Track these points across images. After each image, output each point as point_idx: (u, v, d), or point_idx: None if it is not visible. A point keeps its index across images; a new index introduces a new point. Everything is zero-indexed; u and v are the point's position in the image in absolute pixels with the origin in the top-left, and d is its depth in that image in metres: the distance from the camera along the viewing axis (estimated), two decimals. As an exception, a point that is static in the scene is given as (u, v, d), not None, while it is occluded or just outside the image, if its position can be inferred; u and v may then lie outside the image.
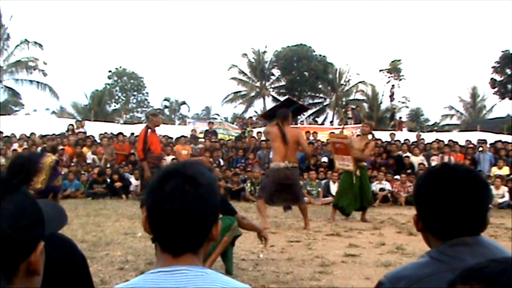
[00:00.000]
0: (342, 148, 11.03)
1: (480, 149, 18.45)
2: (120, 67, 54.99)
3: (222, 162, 18.21)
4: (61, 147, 18.12)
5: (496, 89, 42.18)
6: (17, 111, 43.75)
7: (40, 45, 39.85)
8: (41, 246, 1.14)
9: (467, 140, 20.16)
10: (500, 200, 14.71)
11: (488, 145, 18.75)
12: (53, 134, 19.75)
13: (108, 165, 17.28)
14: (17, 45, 39.69)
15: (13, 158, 2.41)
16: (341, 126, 23.38)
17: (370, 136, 11.19)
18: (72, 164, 17.06)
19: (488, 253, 1.79)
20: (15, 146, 18.17)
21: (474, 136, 22.28)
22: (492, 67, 41.83)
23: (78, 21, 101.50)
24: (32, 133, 19.59)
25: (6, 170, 2.35)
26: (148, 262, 6.48)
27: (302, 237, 8.71)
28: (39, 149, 17.72)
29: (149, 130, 10.32)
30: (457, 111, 47.15)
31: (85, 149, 18.25)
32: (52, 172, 2.31)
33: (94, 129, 21.86)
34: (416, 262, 1.88)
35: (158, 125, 10.74)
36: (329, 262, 6.76)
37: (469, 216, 1.83)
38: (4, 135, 19.06)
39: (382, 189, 15.51)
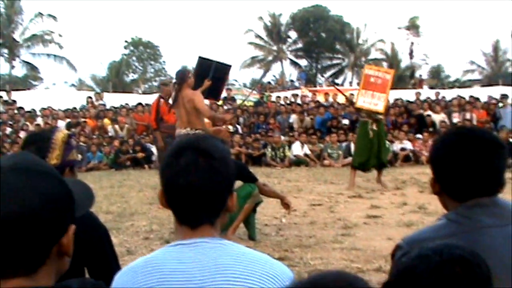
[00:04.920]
0: (378, 84, 9.97)
1: (501, 104, 18.19)
2: (136, 36, 54.83)
3: (240, 129, 18.09)
4: (82, 119, 18.28)
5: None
6: (36, 85, 44.04)
7: (54, 18, 39.97)
8: (73, 229, 1.18)
9: (489, 96, 19.85)
10: (523, 155, 14.53)
11: (510, 100, 18.44)
12: (74, 108, 19.85)
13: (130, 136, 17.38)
14: (32, 19, 39.85)
15: (25, 137, 2.44)
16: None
17: None
18: (94, 136, 17.21)
19: (504, 213, 1.80)
20: (39, 120, 18.35)
21: (496, 91, 21.92)
22: (514, 19, 40.92)
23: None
24: (49, 107, 19.61)
25: (20, 148, 2.39)
26: (172, 231, 6.55)
27: (324, 200, 8.75)
28: (60, 122, 17.89)
29: (162, 100, 10.30)
30: (479, 66, 46.41)
31: (106, 121, 18.39)
32: (65, 147, 2.33)
33: (113, 100, 21.98)
34: (433, 225, 1.89)
35: (170, 95, 10.71)
36: (351, 224, 6.81)
37: (485, 177, 1.83)
38: (26, 110, 19.22)
39: (403, 149, 15.43)
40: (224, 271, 1.46)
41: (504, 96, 18.92)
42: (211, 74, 8.56)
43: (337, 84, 38.66)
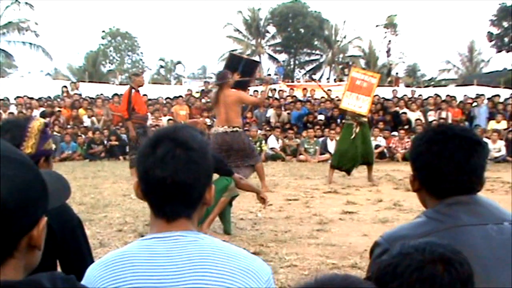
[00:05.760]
0: (363, 87, 10.09)
1: (475, 103, 18.41)
2: (114, 27, 54.42)
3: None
4: (57, 109, 18.05)
5: (493, 43, 41.86)
6: (10, 73, 43.40)
7: (31, 6, 39.41)
8: (44, 221, 1.12)
9: (465, 95, 20.07)
10: (497, 154, 14.74)
11: (485, 100, 18.67)
12: (49, 97, 19.59)
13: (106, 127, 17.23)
14: (8, 6, 39.21)
15: (1, 124, 2.37)
16: (337, 84, 23.30)
17: None
18: (69, 126, 16.99)
19: (484, 212, 1.79)
20: (12, 109, 18.07)
21: (471, 91, 22.21)
22: (489, 20, 41.45)
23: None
24: (25, 96, 19.36)
25: None
26: (146, 223, 6.50)
27: (300, 195, 8.74)
28: (35, 112, 17.63)
29: (133, 90, 10.24)
30: (454, 65, 46.92)
31: (81, 111, 18.18)
32: (41, 136, 2.26)
33: (89, 90, 21.73)
34: (412, 222, 1.88)
35: (141, 85, 10.65)
36: (327, 220, 6.81)
37: (465, 175, 1.82)
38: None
39: (377, 146, 15.49)
40: (200, 266, 1.42)
41: (479, 96, 19.17)
42: (240, 69, 9.07)
43: (314, 80, 38.77)
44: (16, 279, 1.05)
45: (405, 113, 17.65)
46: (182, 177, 1.46)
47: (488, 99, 18.68)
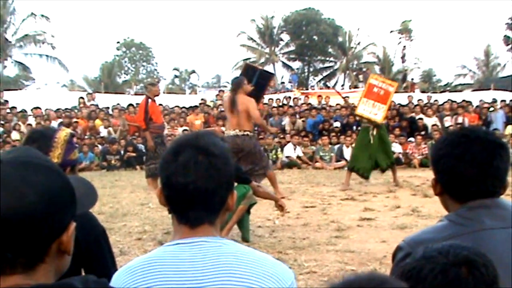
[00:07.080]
0: (380, 95, 10.12)
1: (492, 108, 18.28)
2: (128, 37, 54.84)
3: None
4: (74, 119, 18.18)
5: (509, 46, 41.54)
6: (27, 85, 43.84)
7: (47, 18, 39.85)
8: (73, 226, 1.15)
9: (481, 100, 19.93)
10: (515, 159, 14.58)
11: (500, 104, 18.53)
12: (66, 109, 19.77)
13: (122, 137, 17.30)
14: (24, 19, 39.72)
15: (27, 133, 2.41)
16: (352, 90, 23.24)
17: None
18: (86, 137, 17.11)
19: (507, 215, 1.78)
20: (31, 120, 18.23)
21: (488, 95, 22.03)
22: (506, 24, 41.16)
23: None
24: (47, 109, 19.56)
25: (22, 145, 2.35)
26: (165, 232, 6.54)
27: (317, 202, 8.73)
28: (53, 123, 17.76)
29: (150, 100, 10.28)
30: (470, 70, 46.57)
31: (97, 122, 18.29)
32: (67, 146, 2.30)
33: (105, 101, 21.87)
34: (435, 226, 1.87)
35: (157, 95, 10.69)
36: (345, 227, 6.79)
37: (487, 178, 1.81)
38: (17, 110, 19.07)
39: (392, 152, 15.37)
40: (225, 270, 1.43)
41: (495, 101, 19.01)
42: (255, 80, 9.26)
43: (328, 87, 38.76)
44: (47, 283, 1.07)
45: (421, 119, 17.54)
46: (204, 184, 1.47)
47: (505, 102, 18.54)
